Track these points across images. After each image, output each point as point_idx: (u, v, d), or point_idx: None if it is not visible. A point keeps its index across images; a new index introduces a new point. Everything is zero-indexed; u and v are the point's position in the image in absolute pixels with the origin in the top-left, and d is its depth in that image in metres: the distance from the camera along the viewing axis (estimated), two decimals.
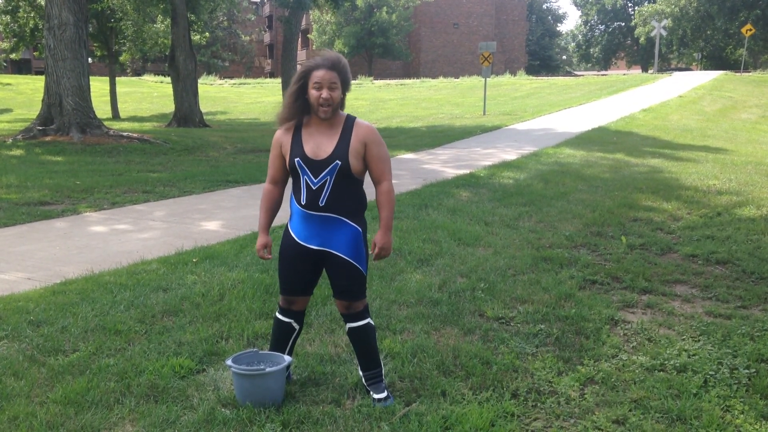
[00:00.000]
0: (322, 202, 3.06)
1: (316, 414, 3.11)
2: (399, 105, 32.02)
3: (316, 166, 3.04)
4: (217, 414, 3.10)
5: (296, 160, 3.07)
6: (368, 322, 3.25)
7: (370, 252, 3.21)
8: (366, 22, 56.44)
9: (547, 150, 13.91)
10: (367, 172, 3.19)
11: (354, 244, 3.13)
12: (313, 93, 2.99)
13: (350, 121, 3.12)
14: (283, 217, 3.43)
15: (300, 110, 3.06)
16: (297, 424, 3.04)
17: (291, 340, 3.38)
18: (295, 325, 3.35)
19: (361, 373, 3.33)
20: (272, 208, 3.29)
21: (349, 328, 3.25)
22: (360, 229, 3.16)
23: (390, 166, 3.19)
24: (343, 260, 3.12)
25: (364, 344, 3.26)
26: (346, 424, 3.03)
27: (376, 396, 3.23)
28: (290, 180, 3.23)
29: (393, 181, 3.23)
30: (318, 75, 2.98)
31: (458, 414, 3.08)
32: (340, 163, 3.03)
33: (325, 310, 4.45)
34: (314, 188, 3.06)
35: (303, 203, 3.09)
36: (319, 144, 3.06)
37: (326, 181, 3.04)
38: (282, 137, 3.17)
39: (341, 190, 3.07)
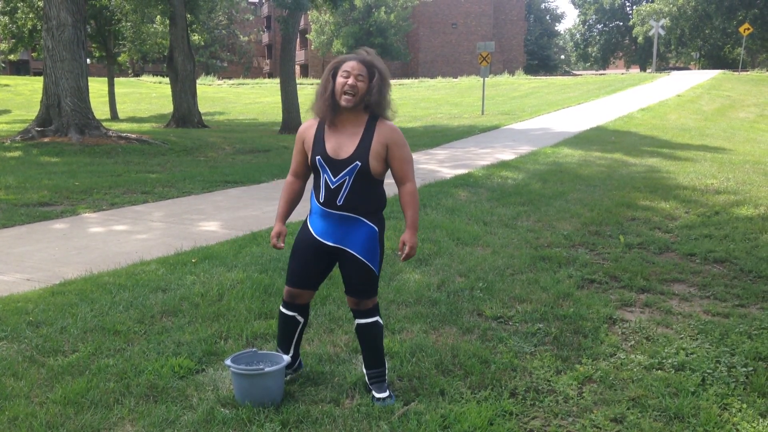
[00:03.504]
0: (340, 201, 3.07)
1: (315, 413, 3.12)
2: (397, 105, 31.89)
3: (336, 166, 3.05)
4: (216, 414, 3.10)
5: (317, 158, 3.08)
6: (377, 320, 3.26)
7: (398, 253, 3.20)
8: (364, 22, 56.41)
9: (546, 150, 13.92)
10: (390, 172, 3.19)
11: (369, 244, 3.14)
12: (339, 80, 3.01)
13: (373, 120, 3.11)
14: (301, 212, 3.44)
15: (333, 101, 3.03)
16: (296, 423, 3.05)
17: (297, 333, 3.38)
18: (299, 318, 3.35)
19: (364, 370, 3.34)
20: (292, 199, 3.31)
21: (357, 324, 3.26)
22: (377, 228, 3.16)
23: (413, 166, 3.19)
24: (357, 259, 3.13)
25: (371, 342, 3.27)
26: (345, 423, 3.04)
27: (377, 395, 3.24)
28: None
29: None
30: (348, 65, 3.02)
31: (457, 413, 3.09)
32: (360, 164, 3.03)
33: (324, 309, 4.46)
34: (333, 187, 3.07)
35: (321, 201, 3.11)
36: (341, 143, 3.06)
37: (345, 180, 3.05)
38: (305, 132, 3.18)
39: (359, 190, 3.07)
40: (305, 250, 3.20)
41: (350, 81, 2.98)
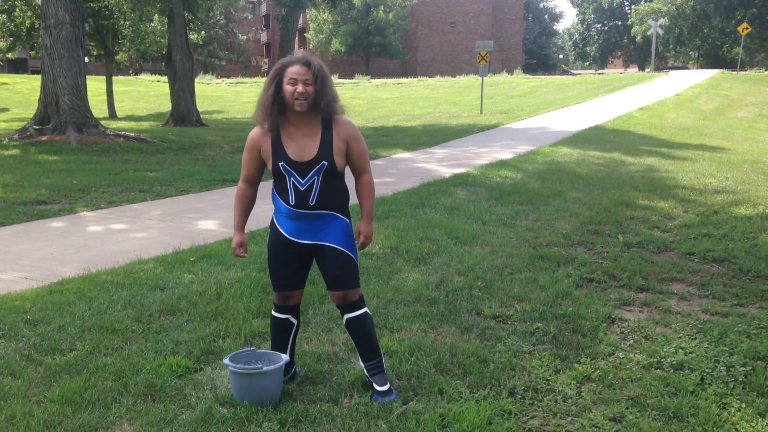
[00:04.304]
0: (312, 201, 3.11)
1: (314, 412, 3.12)
2: (396, 104, 32.01)
3: (302, 168, 3.09)
4: (214, 413, 3.10)
5: (281, 164, 3.10)
6: (365, 311, 3.28)
7: (355, 241, 3.26)
8: (363, 21, 56.39)
9: (544, 149, 13.92)
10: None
11: (345, 235, 3.19)
12: (288, 88, 3.03)
13: (328, 119, 3.14)
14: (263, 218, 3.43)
15: (278, 109, 3.07)
16: (294, 422, 3.04)
17: (291, 337, 3.39)
18: (292, 320, 3.36)
19: (362, 364, 3.34)
20: (248, 207, 3.33)
21: (347, 319, 3.26)
22: (348, 220, 3.23)
23: (368, 158, 3.27)
24: (337, 251, 3.17)
25: (363, 334, 3.28)
26: (344, 422, 3.03)
27: (379, 388, 3.24)
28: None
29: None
30: (292, 71, 3.03)
31: (456, 412, 3.08)
32: (326, 163, 3.08)
33: (322, 308, 4.45)
34: (302, 189, 3.10)
35: (292, 203, 3.12)
36: (302, 146, 3.09)
37: (314, 181, 3.09)
38: (260, 140, 3.18)
39: (329, 188, 3.13)
40: (282, 252, 3.21)
41: (299, 88, 3.00)
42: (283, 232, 3.18)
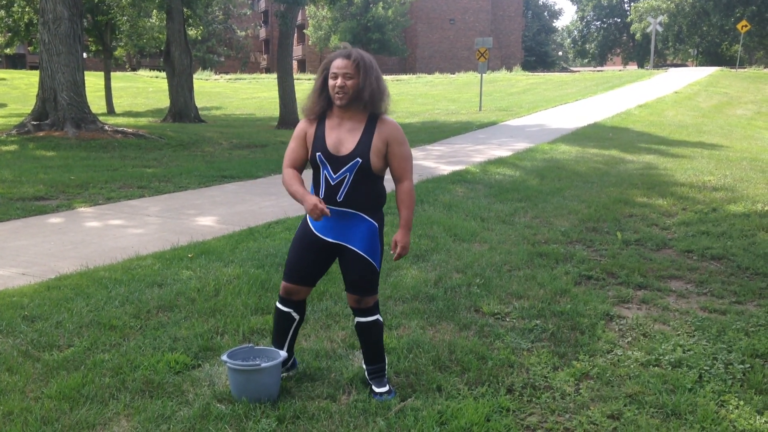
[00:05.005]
0: (340, 198, 3.07)
1: (312, 409, 3.11)
2: (395, 101, 31.62)
3: (336, 162, 3.06)
4: (212, 409, 3.09)
5: (318, 154, 3.08)
6: (377, 319, 3.25)
7: (390, 252, 3.21)
8: (362, 17, 56.29)
9: (543, 146, 13.91)
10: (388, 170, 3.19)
11: (369, 239, 3.13)
12: (330, 83, 3.05)
13: (374, 117, 3.11)
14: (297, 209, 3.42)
15: (326, 101, 3.10)
16: (292, 419, 3.04)
17: (292, 330, 3.37)
18: (294, 314, 3.34)
19: (364, 366, 3.34)
20: (301, 180, 3.16)
21: (357, 323, 3.26)
22: (377, 224, 3.16)
23: (411, 164, 3.19)
24: (358, 255, 3.13)
25: (371, 340, 3.27)
26: (342, 419, 3.03)
27: (377, 390, 3.24)
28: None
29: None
30: (335, 65, 3.03)
31: (454, 409, 3.08)
32: (360, 160, 3.04)
33: (320, 305, 4.45)
34: (333, 183, 3.07)
35: (321, 197, 3.10)
36: (342, 139, 3.07)
37: (345, 177, 3.06)
38: (307, 128, 3.18)
39: (360, 187, 3.08)
40: (304, 246, 3.20)
41: (339, 82, 3.00)
42: (311, 227, 3.18)
